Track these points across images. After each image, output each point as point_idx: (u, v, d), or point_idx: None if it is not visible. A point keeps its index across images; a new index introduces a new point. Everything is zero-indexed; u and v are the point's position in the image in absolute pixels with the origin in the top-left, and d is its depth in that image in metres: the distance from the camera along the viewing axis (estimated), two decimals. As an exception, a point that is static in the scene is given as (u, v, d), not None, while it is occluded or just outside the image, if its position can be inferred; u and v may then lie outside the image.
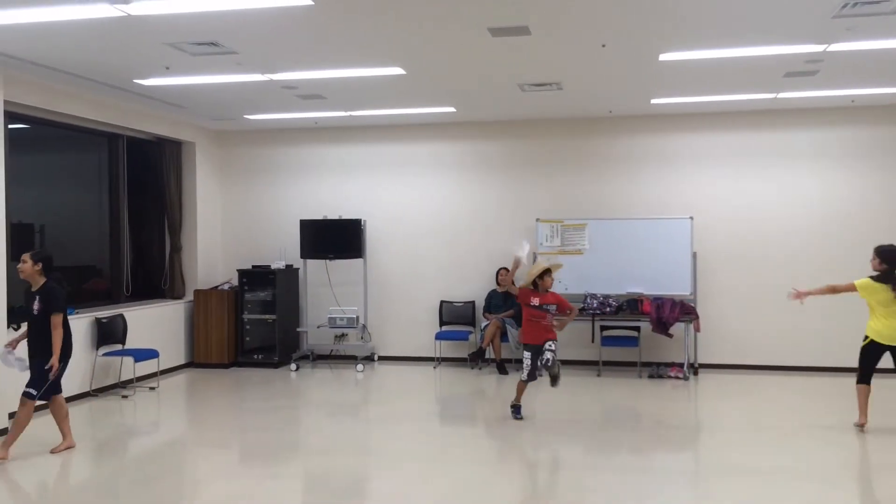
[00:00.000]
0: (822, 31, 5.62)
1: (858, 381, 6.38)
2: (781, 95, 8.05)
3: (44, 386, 5.64)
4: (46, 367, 5.57)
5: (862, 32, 5.65)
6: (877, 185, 8.77)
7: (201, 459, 5.99)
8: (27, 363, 5.73)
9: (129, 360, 8.18)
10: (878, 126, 8.77)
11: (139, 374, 8.31)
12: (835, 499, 4.89)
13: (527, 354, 6.64)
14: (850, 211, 8.82)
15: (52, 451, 5.80)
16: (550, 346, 6.55)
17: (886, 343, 6.21)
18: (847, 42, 5.91)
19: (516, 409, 6.74)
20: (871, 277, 6.28)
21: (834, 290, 6.46)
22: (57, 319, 5.65)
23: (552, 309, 6.61)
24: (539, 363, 6.55)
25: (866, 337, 6.31)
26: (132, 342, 8.37)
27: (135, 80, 7.18)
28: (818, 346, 8.82)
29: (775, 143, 9.01)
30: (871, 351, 6.30)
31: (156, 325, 9.02)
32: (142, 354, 8.21)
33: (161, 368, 8.68)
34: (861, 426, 6.33)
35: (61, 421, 5.93)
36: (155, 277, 9.69)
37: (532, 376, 6.64)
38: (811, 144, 8.93)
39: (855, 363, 6.41)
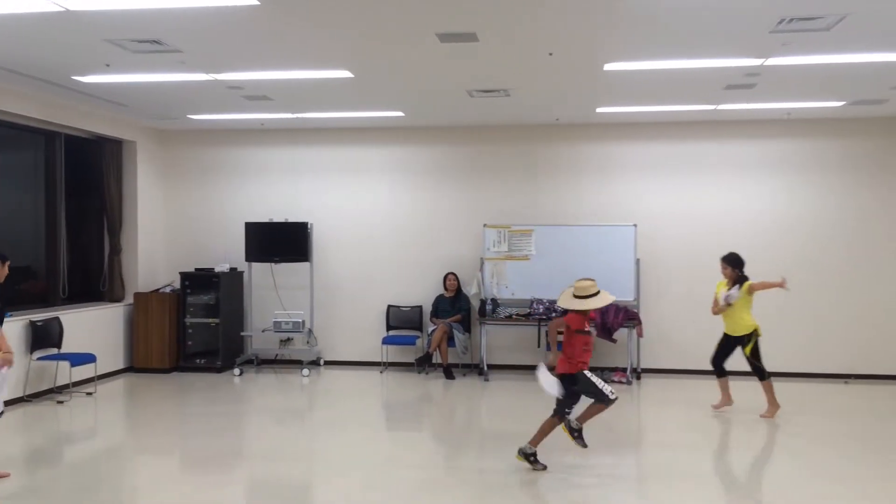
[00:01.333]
0: (760, 45, 5.81)
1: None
2: (721, 107, 8.27)
3: None
4: None
5: (797, 48, 5.85)
6: (814, 195, 9.07)
7: (141, 467, 5.85)
8: None
9: (64, 364, 7.93)
10: (814, 138, 9.07)
11: (76, 379, 8.07)
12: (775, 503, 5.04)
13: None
14: (789, 220, 9.09)
15: None
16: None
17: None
18: (783, 56, 6.12)
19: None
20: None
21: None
22: None
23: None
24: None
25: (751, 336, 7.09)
26: (68, 346, 8.12)
27: (73, 77, 6.98)
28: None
29: (716, 153, 9.25)
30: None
31: (93, 328, 8.76)
32: (78, 359, 7.98)
33: (99, 373, 8.44)
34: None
35: None
36: (93, 280, 9.43)
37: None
38: (751, 155, 9.20)
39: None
